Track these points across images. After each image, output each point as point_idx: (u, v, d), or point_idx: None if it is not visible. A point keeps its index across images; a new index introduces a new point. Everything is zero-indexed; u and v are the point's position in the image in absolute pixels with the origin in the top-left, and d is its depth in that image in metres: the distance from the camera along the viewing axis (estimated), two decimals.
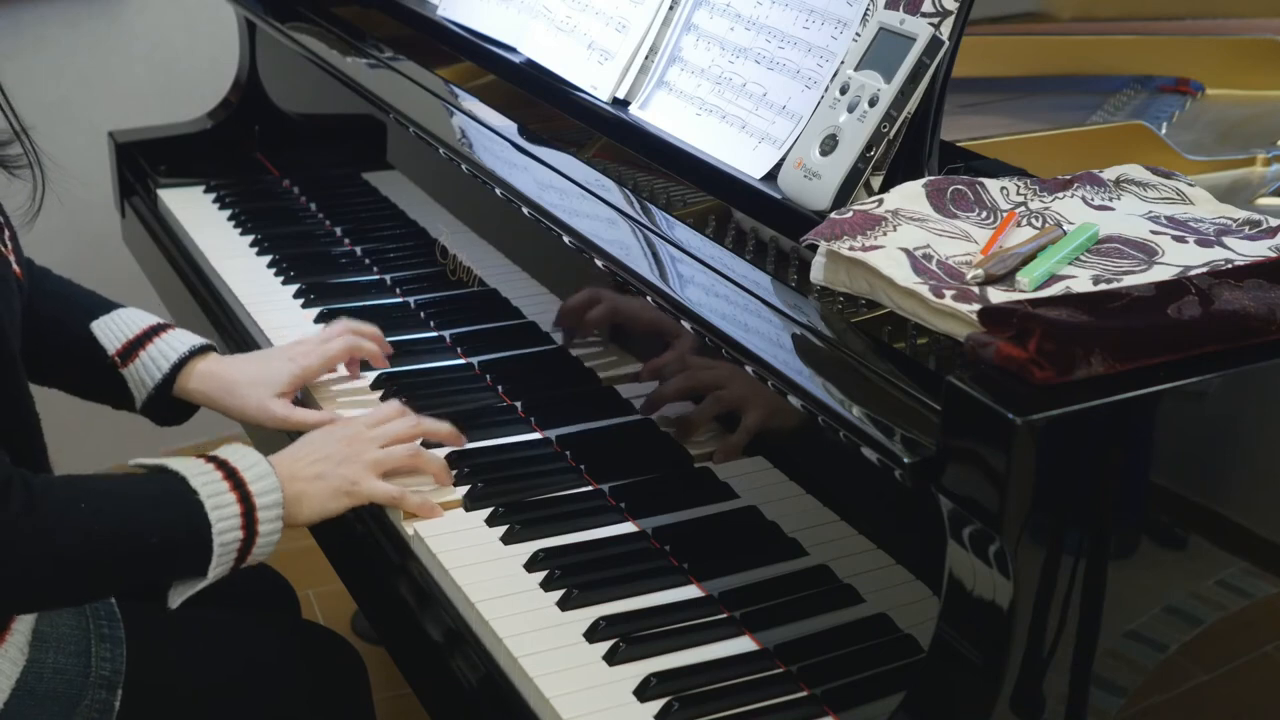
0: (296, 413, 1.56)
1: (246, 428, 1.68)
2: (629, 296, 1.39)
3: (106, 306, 1.62)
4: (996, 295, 1.10)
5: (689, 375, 1.34)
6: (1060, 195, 1.27)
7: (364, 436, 1.44)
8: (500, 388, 1.66)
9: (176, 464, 1.33)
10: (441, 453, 1.51)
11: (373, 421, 1.47)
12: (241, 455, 1.36)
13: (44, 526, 1.23)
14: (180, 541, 1.30)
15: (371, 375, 1.68)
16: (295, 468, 1.38)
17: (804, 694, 1.21)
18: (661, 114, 1.54)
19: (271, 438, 1.56)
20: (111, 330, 1.60)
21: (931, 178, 1.26)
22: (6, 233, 1.44)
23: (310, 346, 1.63)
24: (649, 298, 1.32)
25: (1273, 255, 1.14)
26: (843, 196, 1.29)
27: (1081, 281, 1.12)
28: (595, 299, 1.47)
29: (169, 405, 1.61)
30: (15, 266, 1.43)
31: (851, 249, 1.16)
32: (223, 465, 1.33)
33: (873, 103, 1.28)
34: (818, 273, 1.22)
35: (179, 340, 1.60)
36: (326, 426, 1.48)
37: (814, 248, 1.22)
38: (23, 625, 1.36)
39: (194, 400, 1.60)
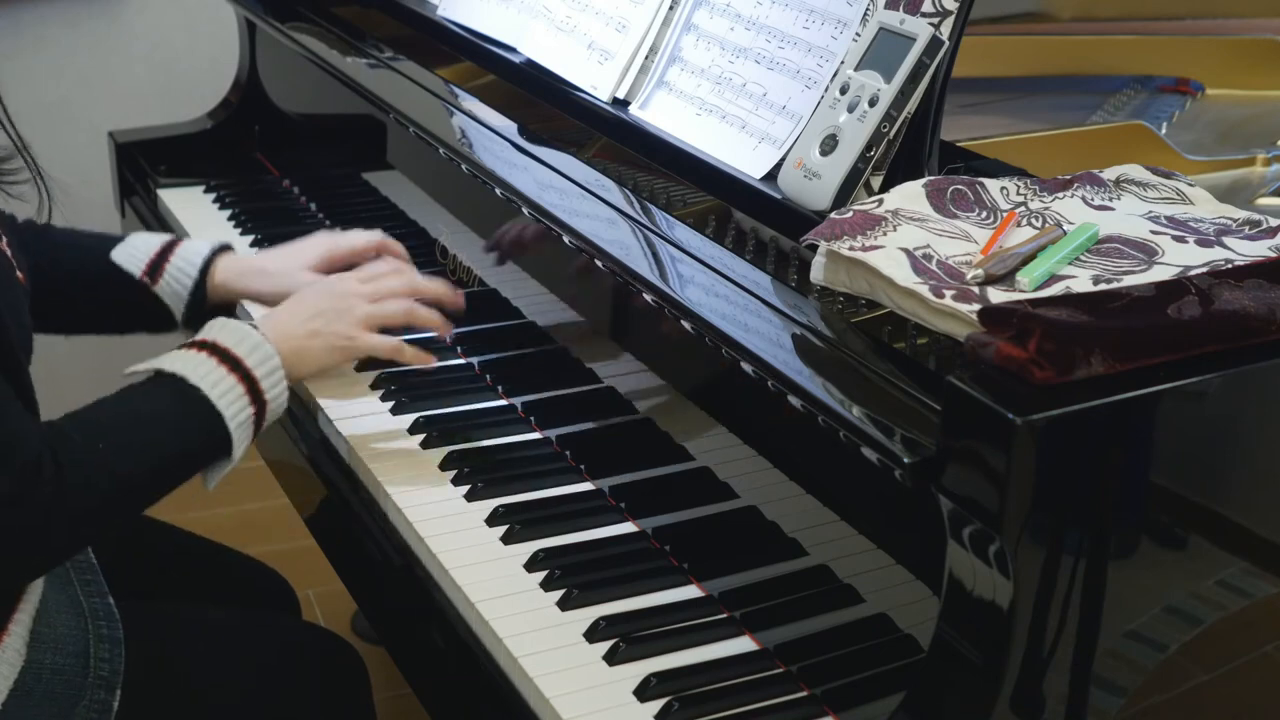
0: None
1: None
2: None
3: (116, 239, 1.68)
4: (996, 295, 1.10)
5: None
6: (1060, 195, 1.27)
7: (356, 292, 1.48)
8: (500, 388, 1.66)
9: (171, 363, 1.35)
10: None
11: (365, 277, 1.51)
12: (230, 332, 1.38)
13: (78, 481, 1.25)
14: (201, 442, 1.35)
15: (370, 375, 1.68)
16: (289, 328, 1.43)
17: (804, 694, 1.21)
18: (661, 114, 1.54)
19: None
20: (132, 255, 1.66)
21: (931, 178, 1.26)
22: (4, 240, 1.44)
23: (337, 235, 1.69)
24: (649, 297, 1.32)
25: (1273, 255, 1.14)
26: (843, 196, 1.29)
27: (1081, 281, 1.12)
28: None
29: (205, 311, 1.65)
30: (19, 273, 1.44)
31: (851, 249, 1.16)
32: (215, 349, 1.36)
33: (873, 103, 1.28)
34: (818, 273, 1.22)
35: (198, 245, 1.68)
36: (318, 284, 1.52)
37: (814, 248, 1.22)
38: (20, 627, 1.36)
39: (226, 293, 1.66)
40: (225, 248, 1.67)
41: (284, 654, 1.54)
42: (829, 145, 1.30)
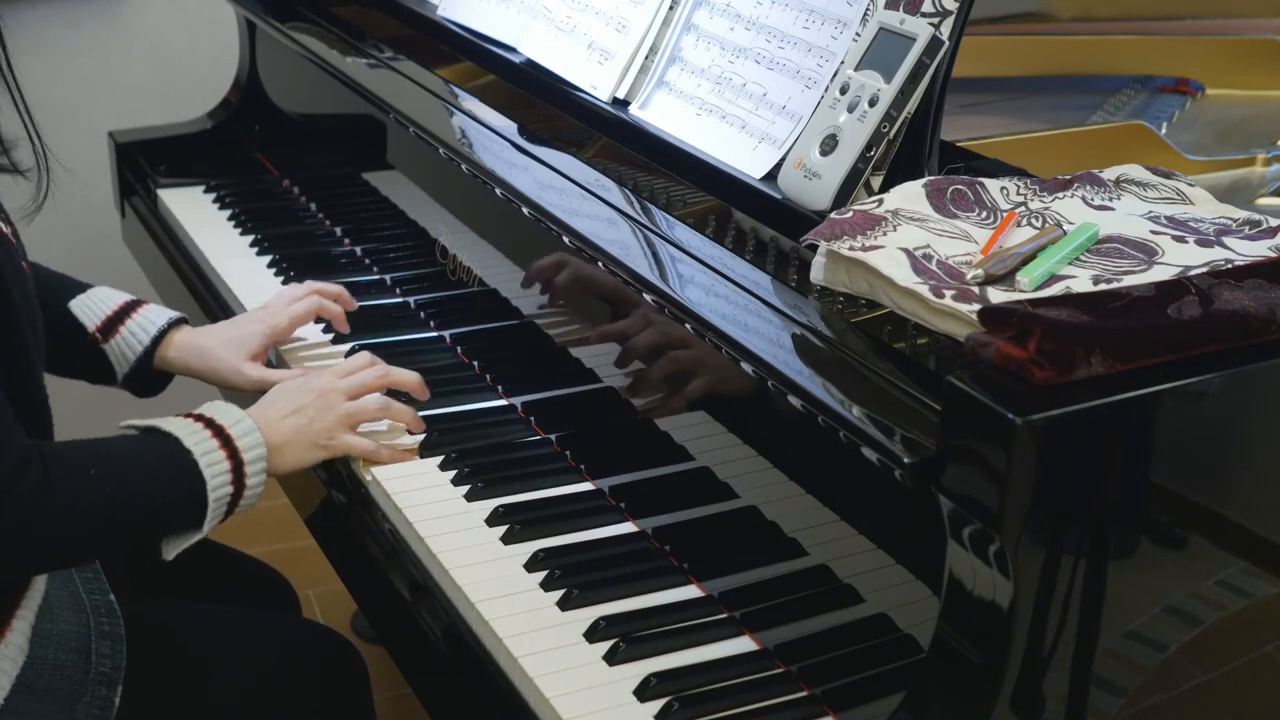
0: (270, 374, 1.63)
1: (221, 390, 1.73)
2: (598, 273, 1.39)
3: (80, 287, 1.68)
4: (996, 295, 1.10)
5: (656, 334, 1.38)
6: (1060, 195, 1.27)
7: (335, 389, 1.50)
8: (500, 388, 1.66)
9: (168, 425, 1.38)
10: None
11: (343, 372, 1.53)
12: (226, 412, 1.41)
13: (62, 496, 1.28)
14: (181, 499, 1.35)
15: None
16: (272, 421, 1.44)
17: (804, 694, 1.21)
18: (661, 114, 1.53)
19: (246, 398, 1.59)
20: (89, 309, 1.66)
21: (931, 178, 1.26)
22: (8, 228, 1.45)
23: (278, 308, 1.71)
24: (648, 297, 1.32)
25: (1273, 255, 1.14)
26: (843, 196, 1.29)
27: (1081, 281, 1.12)
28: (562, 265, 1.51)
29: (148, 377, 1.68)
30: (24, 262, 1.44)
31: (851, 249, 1.16)
32: (210, 424, 1.39)
33: (873, 103, 1.28)
34: (818, 273, 1.22)
35: (156, 314, 1.67)
36: (298, 379, 1.53)
37: (814, 248, 1.22)
38: (22, 623, 1.37)
39: (173, 369, 1.67)
40: (182, 320, 1.69)
41: (285, 651, 1.55)
42: (829, 145, 1.30)
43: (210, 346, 1.66)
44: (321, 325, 1.80)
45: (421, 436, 1.54)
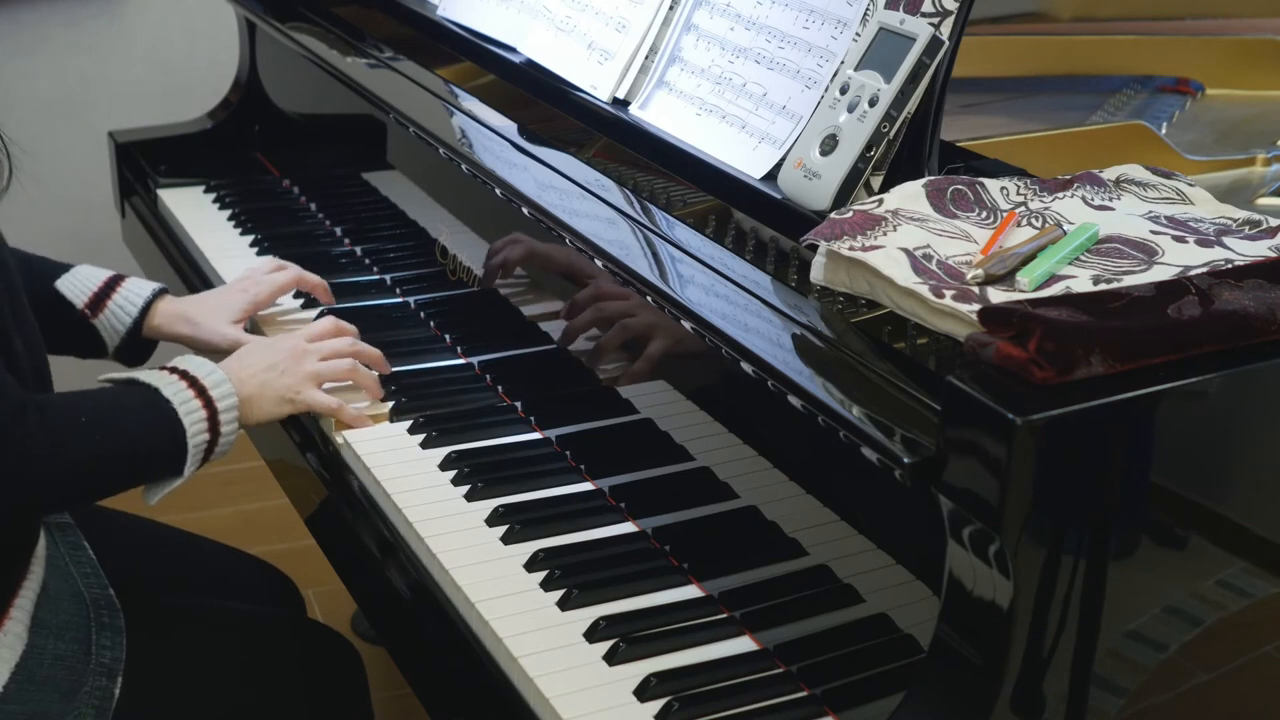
0: (245, 337, 1.70)
1: (204, 352, 1.75)
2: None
3: (62, 267, 1.74)
4: (996, 295, 1.10)
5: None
6: (1060, 195, 1.27)
7: (305, 349, 1.56)
8: (500, 388, 1.66)
9: (146, 377, 1.44)
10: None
11: (312, 335, 1.60)
12: (199, 365, 1.47)
13: (57, 439, 1.33)
14: (162, 446, 1.41)
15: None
16: (243, 375, 1.50)
17: (804, 694, 1.21)
18: (661, 114, 1.53)
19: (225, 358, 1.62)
20: (75, 287, 1.72)
21: (931, 178, 1.26)
22: None
23: (259, 277, 1.78)
24: (649, 297, 1.32)
25: (1273, 255, 1.14)
26: (843, 196, 1.29)
27: (1081, 281, 1.12)
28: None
29: (137, 346, 1.74)
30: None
31: (851, 249, 1.16)
32: (185, 375, 1.45)
33: (873, 103, 1.28)
34: (818, 273, 1.22)
35: (140, 287, 1.74)
36: (271, 338, 1.60)
37: (814, 248, 1.22)
38: (21, 611, 1.37)
39: (159, 336, 1.75)
40: (164, 290, 1.75)
41: (284, 650, 1.55)
42: (829, 145, 1.30)
43: (195, 313, 1.73)
44: (301, 300, 1.86)
45: (390, 404, 1.60)
